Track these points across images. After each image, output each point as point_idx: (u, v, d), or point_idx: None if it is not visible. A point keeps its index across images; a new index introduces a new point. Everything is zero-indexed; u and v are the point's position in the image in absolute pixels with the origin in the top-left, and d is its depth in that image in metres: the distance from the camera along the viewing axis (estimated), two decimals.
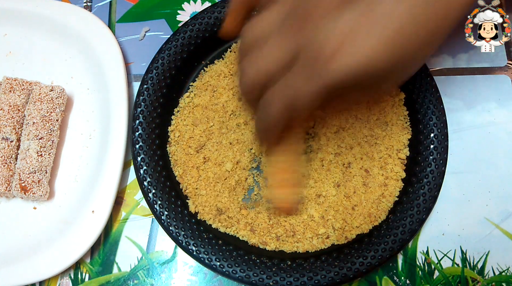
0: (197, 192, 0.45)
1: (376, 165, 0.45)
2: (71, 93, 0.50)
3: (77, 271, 0.45)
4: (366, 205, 0.44)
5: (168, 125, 0.48)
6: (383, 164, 0.45)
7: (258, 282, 0.41)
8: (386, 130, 0.46)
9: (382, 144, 0.45)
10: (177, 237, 0.43)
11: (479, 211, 0.47)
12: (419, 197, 0.43)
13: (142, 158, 0.45)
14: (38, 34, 0.52)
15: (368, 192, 0.44)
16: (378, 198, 0.44)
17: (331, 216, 0.43)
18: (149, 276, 0.45)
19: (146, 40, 0.54)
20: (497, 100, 0.51)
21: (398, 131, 0.46)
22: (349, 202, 0.44)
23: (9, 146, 0.46)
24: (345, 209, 0.44)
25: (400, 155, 0.45)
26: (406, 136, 0.46)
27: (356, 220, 0.43)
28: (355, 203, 0.44)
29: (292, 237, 0.43)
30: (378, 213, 0.43)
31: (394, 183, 0.44)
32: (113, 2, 0.56)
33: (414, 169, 0.45)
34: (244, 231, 0.44)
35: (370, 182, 0.44)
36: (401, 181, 0.45)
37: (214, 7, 0.50)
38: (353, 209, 0.44)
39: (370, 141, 0.45)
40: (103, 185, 0.45)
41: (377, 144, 0.45)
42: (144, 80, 0.47)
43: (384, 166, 0.45)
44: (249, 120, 0.47)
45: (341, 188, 0.44)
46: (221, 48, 0.51)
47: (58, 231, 0.44)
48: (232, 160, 0.45)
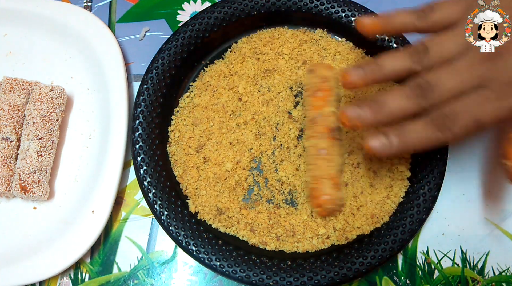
0: (197, 192, 0.45)
1: (384, 167, 0.45)
2: (71, 93, 0.50)
3: (77, 271, 0.45)
4: (370, 206, 0.44)
5: (168, 125, 0.48)
6: (390, 165, 0.45)
7: (258, 282, 0.41)
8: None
9: None
10: (177, 237, 0.43)
11: (479, 211, 0.47)
12: (419, 197, 0.43)
13: (142, 158, 0.45)
14: (38, 34, 0.52)
15: (374, 193, 0.44)
16: (382, 199, 0.44)
17: (333, 217, 0.43)
18: (149, 276, 0.45)
19: (146, 40, 0.54)
20: None
21: None
22: (356, 202, 0.44)
23: (9, 146, 0.46)
24: (350, 210, 0.44)
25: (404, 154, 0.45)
26: None
27: (358, 221, 0.43)
28: (361, 204, 0.44)
29: (292, 237, 0.43)
30: (382, 214, 0.43)
31: (399, 183, 0.44)
32: (113, 2, 0.56)
33: (414, 169, 0.45)
34: (244, 231, 0.44)
35: (377, 183, 0.44)
36: (407, 180, 0.45)
37: (214, 7, 0.50)
38: (358, 209, 0.44)
39: None
40: (103, 185, 0.45)
41: None
42: (144, 80, 0.47)
43: (391, 167, 0.45)
44: (249, 120, 0.47)
45: (349, 188, 0.44)
46: (221, 48, 0.51)
47: (58, 231, 0.44)
48: (232, 160, 0.45)
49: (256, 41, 0.50)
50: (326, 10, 0.50)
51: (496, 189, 0.47)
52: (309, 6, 0.50)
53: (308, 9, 0.51)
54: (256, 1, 0.51)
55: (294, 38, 0.50)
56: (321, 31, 0.51)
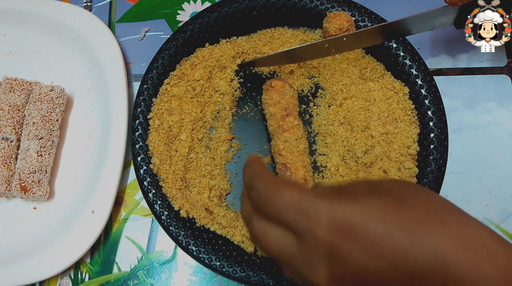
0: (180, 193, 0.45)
1: (394, 166, 0.45)
2: (71, 93, 0.50)
3: (77, 271, 0.45)
4: None
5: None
6: (399, 165, 0.45)
7: (258, 282, 0.41)
8: (397, 127, 0.46)
9: (395, 141, 0.45)
10: (177, 237, 0.43)
11: (479, 211, 0.47)
12: None
13: (142, 158, 0.45)
14: (38, 34, 0.52)
15: None
16: None
17: None
18: (149, 276, 0.45)
19: (146, 40, 0.54)
20: (497, 100, 0.51)
21: (406, 127, 0.46)
22: None
23: (9, 145, 0.46)
24: None
25: (410, 151, 0.45)
26: (415, 131, 0.46)
27: None
28: None
29: None
30: None
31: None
32: (113, 2, 0.56)
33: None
34: (239, 237, 0.43)
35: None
36: (415, 178, 0.44)
37: (214, 7, 0.50)
38: None
39: (387, 140, 0.45)
40: (103, 185, 0.45)
41: (392, 141, 0.45)
42: (144, 80, 0.47)
43: (400, 167, 0.45)
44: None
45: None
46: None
47: (58, 231, 0.44)
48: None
49: (256, 41, 0.50)
50: (326, 10, 0.50)
51: (496, 189, 0.47)
52: (309, 6, 0.50)
53: (308, 9, 0.51)
54: (256, 1, 0.51)
55: (294, 38, 0.50)
56: (321, 31, 0.51)
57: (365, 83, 0.48)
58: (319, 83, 0.49)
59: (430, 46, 0.53)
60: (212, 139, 0.47)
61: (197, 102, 0.47)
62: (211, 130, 0.47)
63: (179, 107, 0.47)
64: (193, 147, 0.46)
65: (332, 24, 0.47)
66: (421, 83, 0.47)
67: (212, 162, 0.46)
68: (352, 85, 0.48)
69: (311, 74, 0.49)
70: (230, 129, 0.47)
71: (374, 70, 0.49)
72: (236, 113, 0.48)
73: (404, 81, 0.48)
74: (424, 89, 0.47)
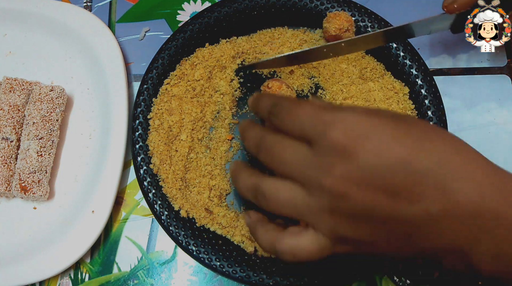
0: (176, 189, 0.45)
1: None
2: (71, 93, 0.50)
3: (77, 271, 0.45)
4: None
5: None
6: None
7: (258, 282, 0.41)
8: None
9: None
10: (177, 237, 0.43)
11: None
12: None
13: (142, 158, 0.45)
14: (38, 34, 0.52)
15: None
16: None
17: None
18: (149, 276, 0.45)
19: (146, 40, 0.54)
20: (497, 100, 0.51)
21: None
22: None
23: (9, 145, 0.46)
24: None
25: None
26: None
27: None
28: None
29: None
30: None
31: None
32: (113, 2, 0.56)
33: None
34: (239, 237, 0.43)
35: None
36: None
37: (214, 7, 0.50)
38: None
39: None
40: (103, 185, 0.45)
41: None
42: (144, 80, 0.47)
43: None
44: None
45: None
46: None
47: (58, 231, 0.44)
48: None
49: (256, 41, 0.50)
50: (326, 10, 0.50)
51: None
52: (309, 6, 0.51)
53: (308, 9, 0.51)
54: (256, 1, 0.51)
55: (294, 38, 0.50)
56: (321, 31, 0.51)
57: (365, 83, 0.48)
58: (319, 83, 0.49)
59: (430, 46, 0.53)
60: (212, 139, 0.47)
61: (197, 102, 0.47)
62: (211, 130, 0.47)
63: (179, 107, 0.47)
64: (193, 147, 0.46)
65: (332, 24, 0.47)
66: (421, 83, 0.47)
67: (212, 162, 0.46)
68: (352, 85, 0.48)
69: (311, 74, 0.49)
70: (230, 129, 0.47)
71: (374, 70, 0.49)
72: (236, 113, 0.48)
73: (404, 81, 0.48)
74: (424, 89, 0.47)
